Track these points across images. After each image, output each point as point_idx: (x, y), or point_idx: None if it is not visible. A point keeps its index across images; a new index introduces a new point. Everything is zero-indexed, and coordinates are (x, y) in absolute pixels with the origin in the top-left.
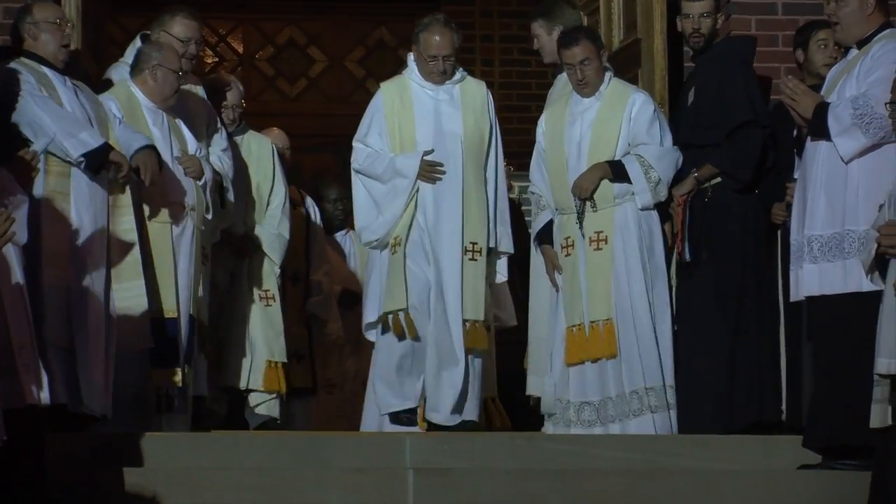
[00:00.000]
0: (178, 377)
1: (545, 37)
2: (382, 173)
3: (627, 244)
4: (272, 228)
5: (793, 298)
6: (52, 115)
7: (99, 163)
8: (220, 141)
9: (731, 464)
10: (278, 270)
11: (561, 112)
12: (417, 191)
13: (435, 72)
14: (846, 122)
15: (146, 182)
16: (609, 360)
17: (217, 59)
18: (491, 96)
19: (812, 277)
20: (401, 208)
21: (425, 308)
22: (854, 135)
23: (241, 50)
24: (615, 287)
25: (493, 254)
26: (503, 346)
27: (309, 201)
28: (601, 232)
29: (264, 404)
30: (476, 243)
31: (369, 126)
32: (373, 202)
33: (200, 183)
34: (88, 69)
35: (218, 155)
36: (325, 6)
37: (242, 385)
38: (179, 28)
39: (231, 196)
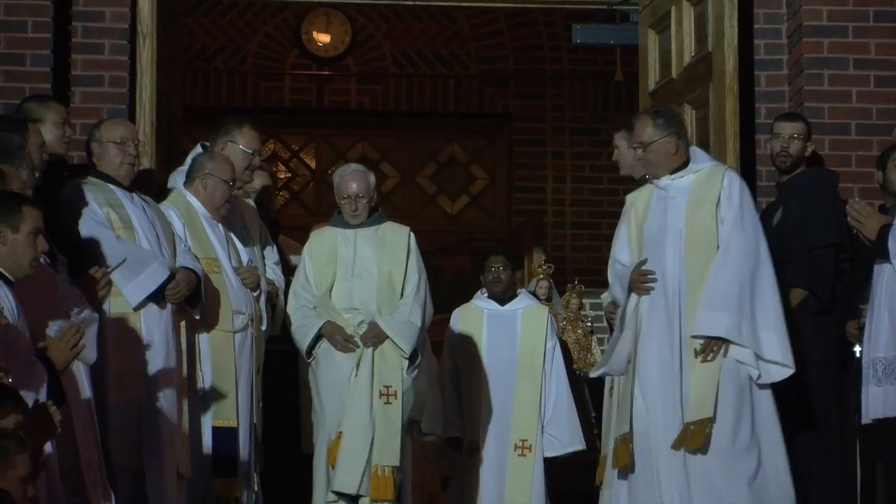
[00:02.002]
0: (238, 488)
1: (625, 149)
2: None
3: None
4: (402, 316)
5: (863, 421)
6: (111, 254)
7: (160, 296)
8: (271, 254)
9: None
10: (406, 363)
11: None
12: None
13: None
14: None
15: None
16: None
17: (290, 175)
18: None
19: (877, 400)
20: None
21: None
22: None
23: (313, 165)
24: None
25: None
26: (576, 465)
27: None
28: None
29: None
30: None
31: (619, 241)
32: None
33: (255, 294)
34: (162, 184)
35: (272, 268)
36: (397, 122)
37: (353, 490)
38: (246, 140)
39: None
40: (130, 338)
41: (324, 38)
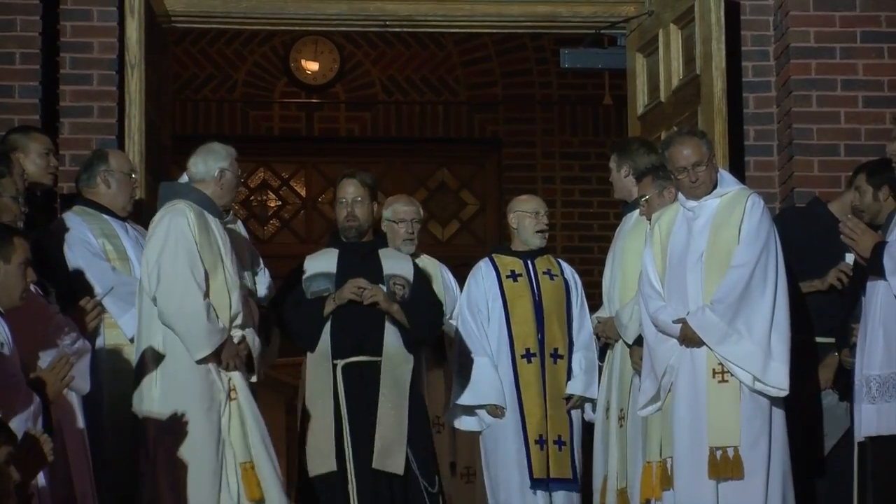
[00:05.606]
0: None
1: (615, 173)
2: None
3: None
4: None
5: (856, 439)
6: (107, 286)
7: None
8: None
9: None
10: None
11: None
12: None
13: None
14: None
15: None
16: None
17: (280, 203)
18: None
19: (870, 418)
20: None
21: None
22: None
23: (303, 193)
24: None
25: None
26: None
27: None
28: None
29: None
30: None
31: (648, 263)
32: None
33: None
34: (151, 213)
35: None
36: (387, 149)
37: None
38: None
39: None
40: (126, 368)
41: (312, 66)
